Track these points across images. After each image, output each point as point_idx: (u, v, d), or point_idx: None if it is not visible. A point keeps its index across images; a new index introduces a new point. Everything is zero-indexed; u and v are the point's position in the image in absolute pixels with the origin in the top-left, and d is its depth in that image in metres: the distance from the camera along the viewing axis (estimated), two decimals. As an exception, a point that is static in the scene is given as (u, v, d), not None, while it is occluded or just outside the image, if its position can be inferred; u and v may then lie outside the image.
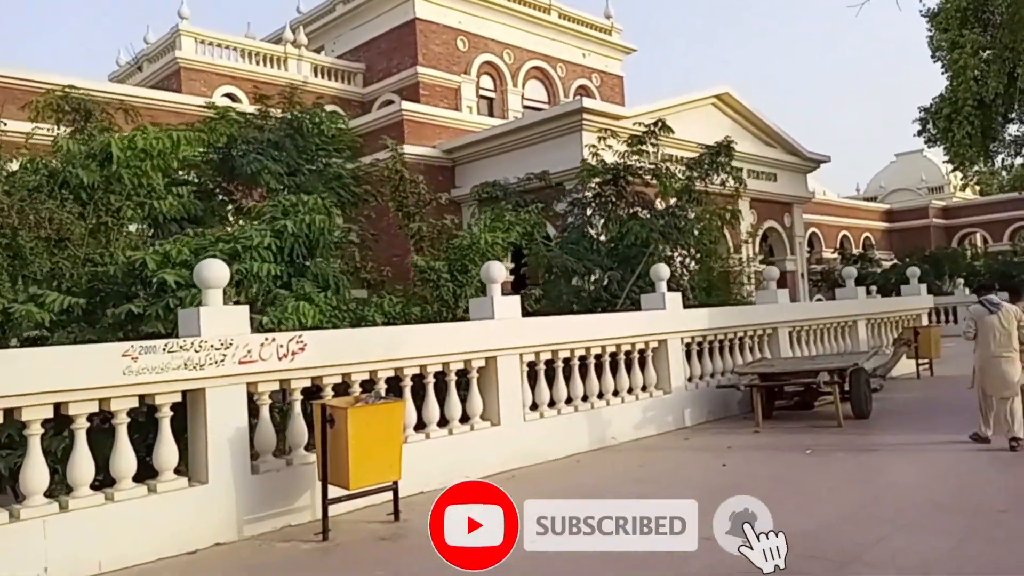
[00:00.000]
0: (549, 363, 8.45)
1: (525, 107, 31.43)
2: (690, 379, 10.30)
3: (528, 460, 7.79)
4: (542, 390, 8.27)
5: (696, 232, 14.35)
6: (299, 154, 13.57)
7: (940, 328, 14.86)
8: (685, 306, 12.48)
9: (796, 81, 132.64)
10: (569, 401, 8.66)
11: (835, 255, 41.78)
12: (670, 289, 12.61)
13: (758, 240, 29.66)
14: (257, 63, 27.86)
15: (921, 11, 26.98)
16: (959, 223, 54.25)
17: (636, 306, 12.05)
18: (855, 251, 46.80)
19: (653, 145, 12.93)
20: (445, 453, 7.09)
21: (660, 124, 13.00)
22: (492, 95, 31.16)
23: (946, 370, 13.88)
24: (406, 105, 24.49)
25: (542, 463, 7.85)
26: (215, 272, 5.67)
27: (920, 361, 14.17)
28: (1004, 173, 40.43)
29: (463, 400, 7.50)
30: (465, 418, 7.56)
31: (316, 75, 29.22)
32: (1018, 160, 31.36)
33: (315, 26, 32.04)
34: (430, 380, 7.17)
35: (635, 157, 12.80)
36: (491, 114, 30.25)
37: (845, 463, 7.12)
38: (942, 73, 26.79)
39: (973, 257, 41.42)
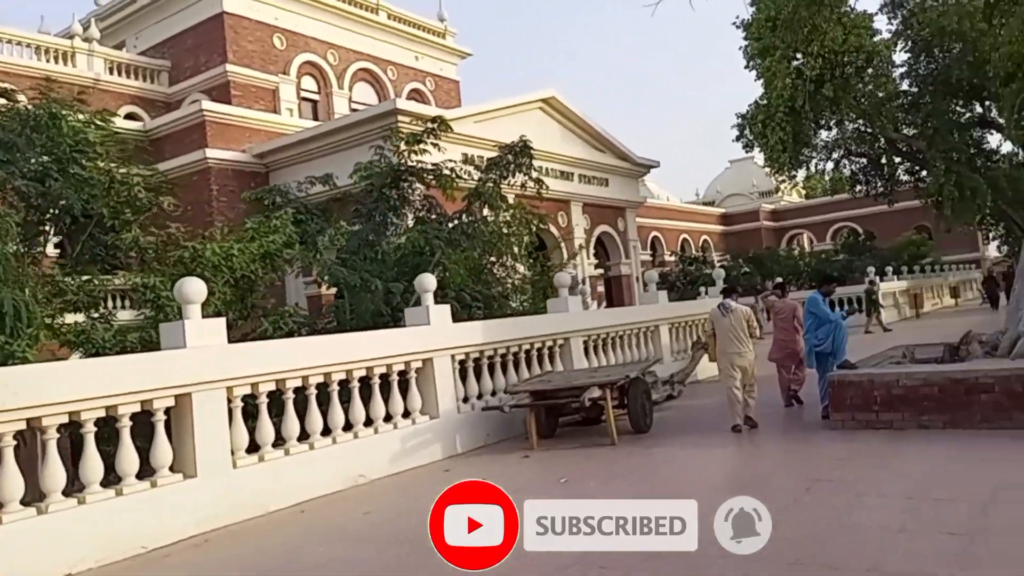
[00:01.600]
0: (275, 395, 7.20)
1: (353, 110, 29.87)
2: (465, 400, 9.32)
3: (241, 515, 6.48)
4: (264, 428, 6.99)
5: (493, 237, 13.55)
6: (47, 157, 11.52)
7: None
8: (483, 317, 11.63)
9: (639, 92, 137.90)
10: (305, 438, 7.42)
11: (673, 258, 42.83)
12: (462, 302, 11.73)
13: (591, 245, 29.64)
14: (40, 59, 24.81)
15: (735, 22, 27.84)
16: (787, 224, 57.54)
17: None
18: (695, 253, 48.41)
19: (434, 144, 11.97)
20: (109, 521, 5.66)
21: (439, 121, 12.03)
22: (316, 97, 29.46)
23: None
24: (207, 105, 22.47)
25: (259, 517, 6.57)
26: None
27: (723, 364, 13.96)
28: (825, 178, 42.79)
29: (143, 450, 6.10)
30: (152, 472, 6.17)
31: (113, 72, 26.49)
32: (829, 165, 33.12)
33: (115, 19, 29.24)
34: (90, 430, 5.73)
35: (415, 157, 11.78)
36: (315, 117, 28.55)
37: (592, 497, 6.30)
38: (756, 80, 27.74)
39: (800, 256, 43.58)
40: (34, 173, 11.16)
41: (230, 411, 6.74)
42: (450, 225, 11.49)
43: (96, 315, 8.81)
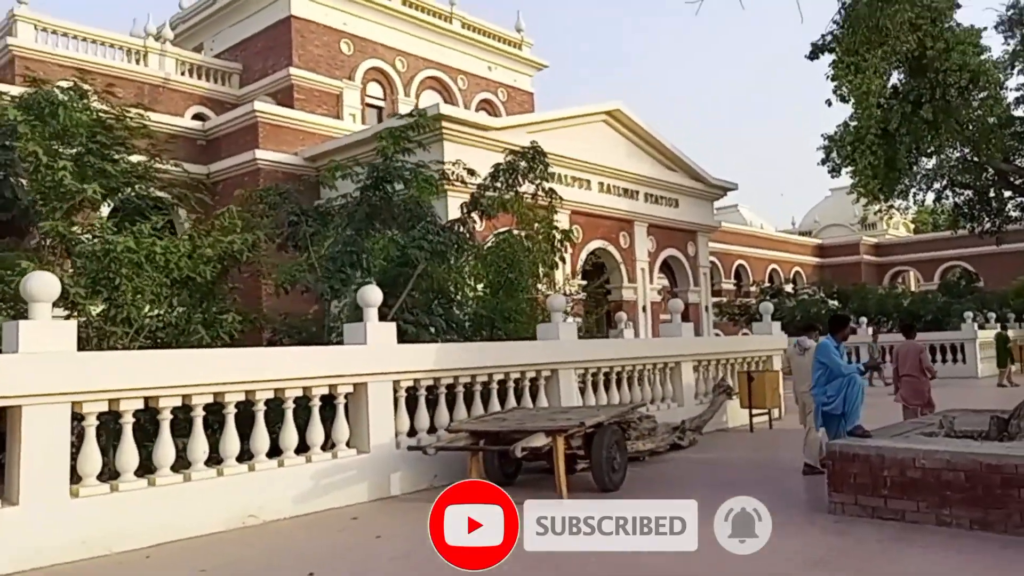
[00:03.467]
0: (147, 414, 6.24)
1: (420, 119, 29.22)
2: (412, 433, 8.15)
3: (73, 554, 5.52)
4: (124, 453, 6.03)
5: (510, 251, 12.44)
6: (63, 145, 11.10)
7: (778, 373, 12.91)
8: (498, 338, 10.46)
9: (735, 114, 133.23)
10: (185, 466, 6.43)
11: (755, 288, 40.28)
12: (452, 320, 10.64)
13: (656, 268, 27.95)
14: (113, 57, 25.42)
15: (824, 36, 25.66)
16: (890, 260, 53.64)
17: (402, 337, 9.97)
18: (783, 285, 45.60)
19: (419, 144, 10.87)
20: None
21: (419, 114, 10.86)
22: (381, 104, 29.09)
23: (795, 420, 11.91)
24: (259, 106, 22.27)
25: (96, 558, 5.59)
26: None
27: (756, 411, 12.23)
28: (922, 209, 39.26)
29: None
30: (-33, 495, 5.30)
31: (185, 73, 26.90)
32: (930, 196, 30.16)
33: (194, 21, 29.90)
34: None
35: (399, 157, 10.69)
36: (380, 123, 28.17)
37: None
38: (843, 100, 25.44)
39: (895, 295, 40.11)
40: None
41: (83, 430, 5.82)
42: (436, 237, 10.31)
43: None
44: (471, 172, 11.02)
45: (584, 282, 23.36)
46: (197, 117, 26.24)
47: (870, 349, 24.82)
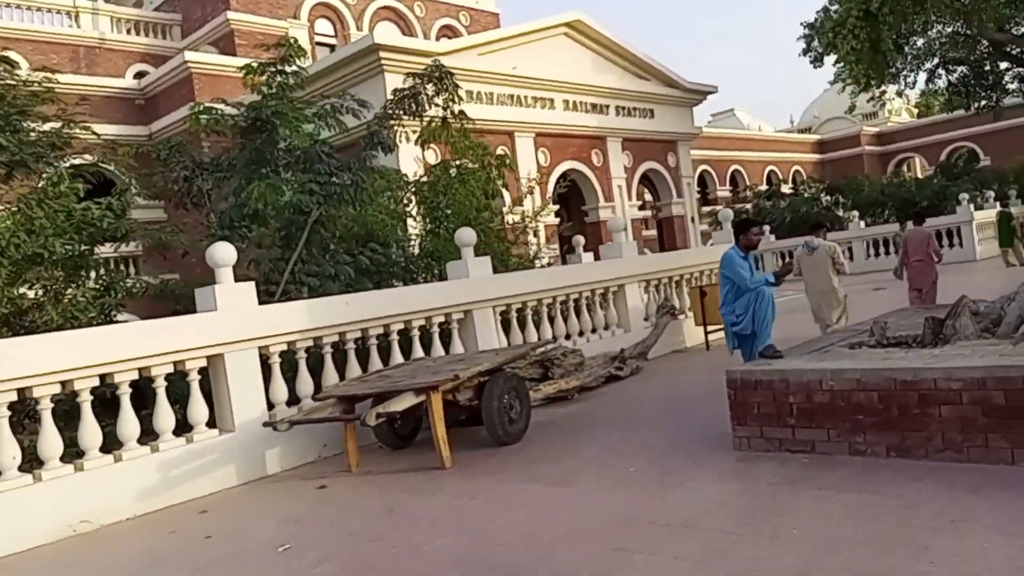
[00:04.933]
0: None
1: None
2: (291, 404, 7.32)
3: None
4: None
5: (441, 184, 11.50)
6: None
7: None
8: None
9: (730, 15, 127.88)
10: (-3, 474, 5.64)
11: (749, 193, 38.74)
12: (361, 268, 9.73)
13: (635, 184, 26.72)
14: (41, 21, 24.11)
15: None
16: (894, 149, 51.61)
17: (304, 294, 9.11)
18: (784, 186, 44.05)
19: (296, 78, 9.71)
20: None
21: (286, 43, 9.64)
22: (332, 41, 27.58)
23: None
24: (191, 56, 21.04)
25: None
26: None
27: (712, 328, 11.30)
28: (912, 91, 37.10)
29: None
30: None
31: (122, 31, 25.53)
32: (922, 76, 28.41)
33: (127, -25, 28.24)
34: None
35: (275, 95, 9.55)
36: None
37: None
38: (819, -21, 23.60)
39: (899, 184, 38.45)
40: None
41: None
42: (331, 178, 9.28)
43: None
44: (362, 104, 9.87)
45: (556, 207, 22.24)
46: (140, 75, 25.02)
47: (897, 239, 23.80)
